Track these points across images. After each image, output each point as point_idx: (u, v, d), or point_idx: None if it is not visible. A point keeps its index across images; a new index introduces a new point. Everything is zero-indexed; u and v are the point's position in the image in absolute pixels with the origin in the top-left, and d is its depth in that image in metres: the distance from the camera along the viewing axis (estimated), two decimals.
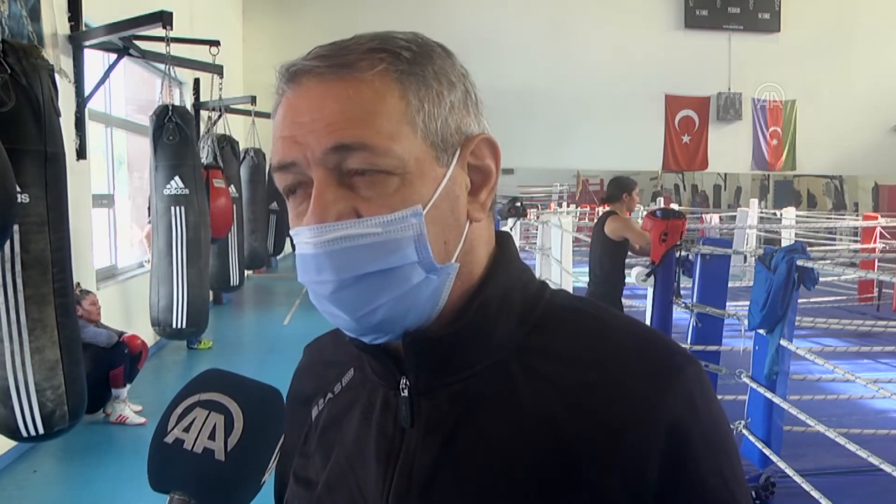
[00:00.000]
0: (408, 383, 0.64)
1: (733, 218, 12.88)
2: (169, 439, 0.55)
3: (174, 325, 4.45)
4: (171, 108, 4.37)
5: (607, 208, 4.89)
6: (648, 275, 4.29)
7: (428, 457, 0.62)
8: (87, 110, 5.33)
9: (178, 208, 4.38)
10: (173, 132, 4.32)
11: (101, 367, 4.67)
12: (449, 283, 0.62)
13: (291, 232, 0.62)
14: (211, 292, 9.27)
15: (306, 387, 0.76)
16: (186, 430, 0.55)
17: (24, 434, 2.59)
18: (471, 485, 0.61)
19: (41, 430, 2.59)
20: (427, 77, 0.61)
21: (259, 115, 8.09)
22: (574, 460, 0.59)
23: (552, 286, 0.71)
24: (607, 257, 4.71)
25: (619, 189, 4.80)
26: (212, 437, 0.54)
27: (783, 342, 3.39)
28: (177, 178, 4.35)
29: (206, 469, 0.53)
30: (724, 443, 0.63)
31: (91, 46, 5.22)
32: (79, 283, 4.83)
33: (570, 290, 6.65)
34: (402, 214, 0.59)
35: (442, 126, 0.61)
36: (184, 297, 4.39)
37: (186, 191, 4.37)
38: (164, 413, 0.56)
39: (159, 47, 4.82)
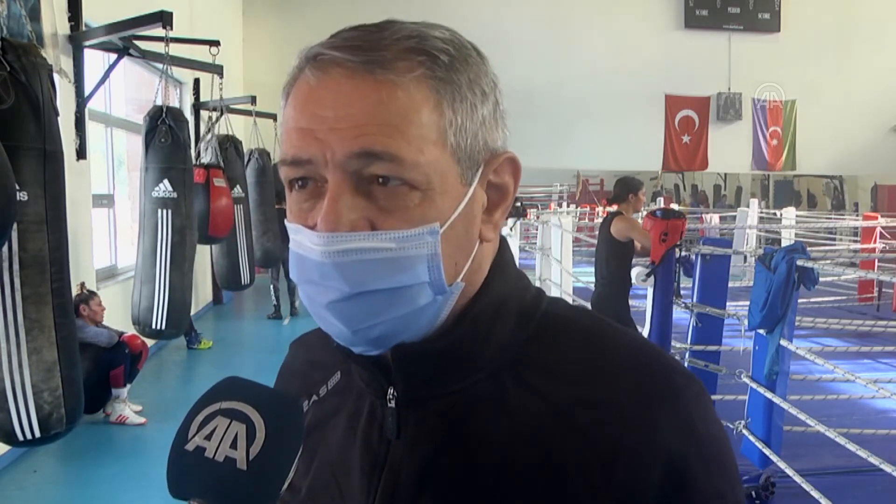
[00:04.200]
0: (395, 394, 0.62)
1: (733, 218, 12.88)
2: (190, 447, 0.54)
3: (153, 326, 4.42)
4: (165, 109, 4.36)
5: (613, 209, 4.89)
6: (648, 275, 4.29)
7: (413, 470, 0.60)
8: (87, 110, 5.33)
9: (165, 211, 4.35)
10: (166, 134, 4.30)
11: (101, 367, 4.67)
12: (451, 303, 0.59)
13: (290, 226, 0.59)
14: (211, 292, 9.35)
15: (291, 386, 0.74)
16: (208, 438, 0.54)
17: (21, 437, 2.54)
18: (457, 499, 0.59)
19: (38, 434, 2.54)
20: (462, 86, 0.58)
21: (260, 114, 8.08)
22: (564, 479, 0.57)
23: (552, 287, 0.69)
24: (613, 258, 4.71)
25: (625, 189, 4.80)
26: (233, 445, 0.54)
27: (783, 342, 3.39)
28: (166, 181, 4.33)
29: (227, 477, 0.53)
30: (725, 465, 0.61)
31: (91, 46, 5.22)
32: (83, 283, 4.84)
33: (570, 290, 6.64)
34: (418, 231, 0.56)
35: (471, 142, 0.58)
36: (165, 300, 4.36)
37: (174, 194, 4.35)
38: (184, 421, 0.56)
39: (159, 47, 4.82)
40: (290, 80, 0.59)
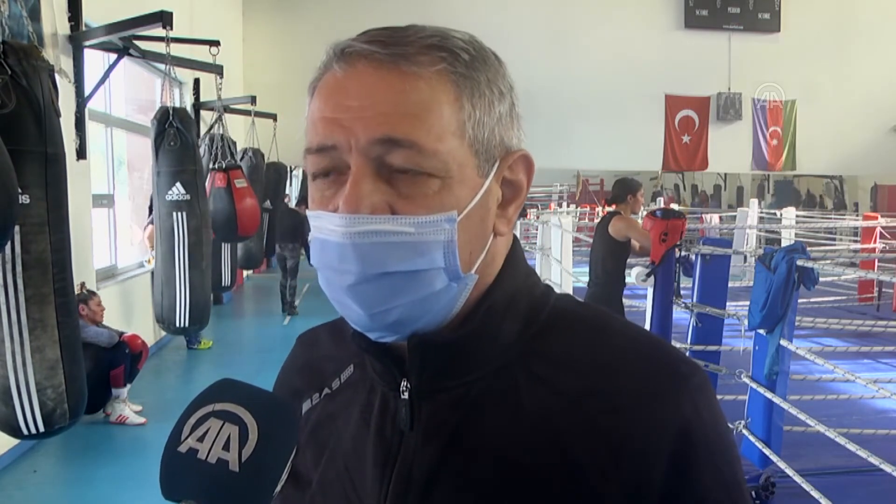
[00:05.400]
0: (408, 386, 0.63)
1: (733, 218, 12.87)
2: (182, 449, 0.55)
3: (178, 325, 4.55)
4: (171, 111, 4.38)
5: (611, 209, 4.90)
6: (648, 275, 4.29)
7: (427, 461, 0.62)
8: (87, 110, 5.33)
9: (179, 214, 4.43)
10: (174, 137, 4.34)
11: (101, 367, 4.68)
12: (466, 293, 0.61)
13: (311, 214, 0.61)
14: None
15: (298, 380, 0.75)
16: (200, 439, 0.55)
17: (25, 432, 2.60)
18: (469, 490, 0.60)
19: (41, 428, 2.60)
20: (481, 83, 0.60)
21: (259, 114, 8.09)
22: (575, 468, 0.58)
23: (554, 288, 0.70)
24: (611, 257, 4.73)
25: (624, 190, 4.82)
26: (226, 447, 0.54)
27: (783, 342, 3.39)
28: (178, 184, 4.39)
29: (220, 479, 0.53)
30: (728, 454, 0.63)
31: (91, 46, 5.22)
32: (83, 283, 4.84)
33: (570, 290, 6.64)
34: (436, 218, 0.58)
35: (488, 135, 0.61)
36: (187, 299, 4.48)
37: (188, 196, 4.41)
38: (178, 422, 0.56)
39: (159, 47, 4.82)
40: (317, 76, 0.62)
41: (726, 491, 0.61)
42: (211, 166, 5.83)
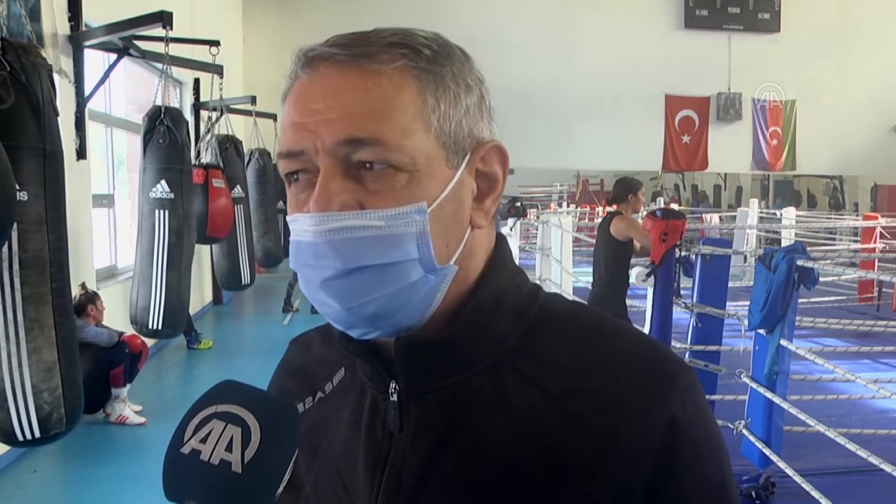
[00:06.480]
0: (397, 387, 0.63)
1: (733, 218, 12.89)
2: (185, 450, 0.55)
3: (150, 326, 4.45)
4: (163, 109, 4.36)
5: (612, 209, 4.89)
6: (648, 275, 4.29)
7: (416, 462, 0.62)
8: (87, 110, 5.33)
9: (162, 212, 4.37)
10: (164, 135, 4.31)
11: (101, 367, 4.68)
12: (445, 286, 0.61)
13: (289, 218, 0.62)
14: (211, 292, 9.36)
15: (291, 383, 0.75)
16: (203, 441, 0.55)
17: (20, 438, 2.54)
18: (460, 491, 0.60)
19: (37, 434, 2.55)
20: (445, 77, 0.61)
21: (260, 114, 8.09)
22: (563, 467, 0.59)
23: (551, 287, 0.70)
24: (612, 258, 4.72)
25: (624, 190, 4.81)
26: (229, 448, 0.54)
27: (783, 342, 3.38)
28: (163, 181, 4.34)
29: (222, 481, 0.54)
30: (715, 455, 0.63)
31: (91, 46, 5.22)
32: (83, 283, 4.84)
33: (571, 290, 6.63)
34: (406, 210, 0.58)
35: (455, 128, 0.61)
36: (161, 300, 4.38)
37: (172, 195, 4.36)
38: (180, 424, 0.57)
39: (159, 47, 4.82)
40: (287, 85, 0.63)
41: (709, 490, 0.61)
42: (193, 163, 5.77)
